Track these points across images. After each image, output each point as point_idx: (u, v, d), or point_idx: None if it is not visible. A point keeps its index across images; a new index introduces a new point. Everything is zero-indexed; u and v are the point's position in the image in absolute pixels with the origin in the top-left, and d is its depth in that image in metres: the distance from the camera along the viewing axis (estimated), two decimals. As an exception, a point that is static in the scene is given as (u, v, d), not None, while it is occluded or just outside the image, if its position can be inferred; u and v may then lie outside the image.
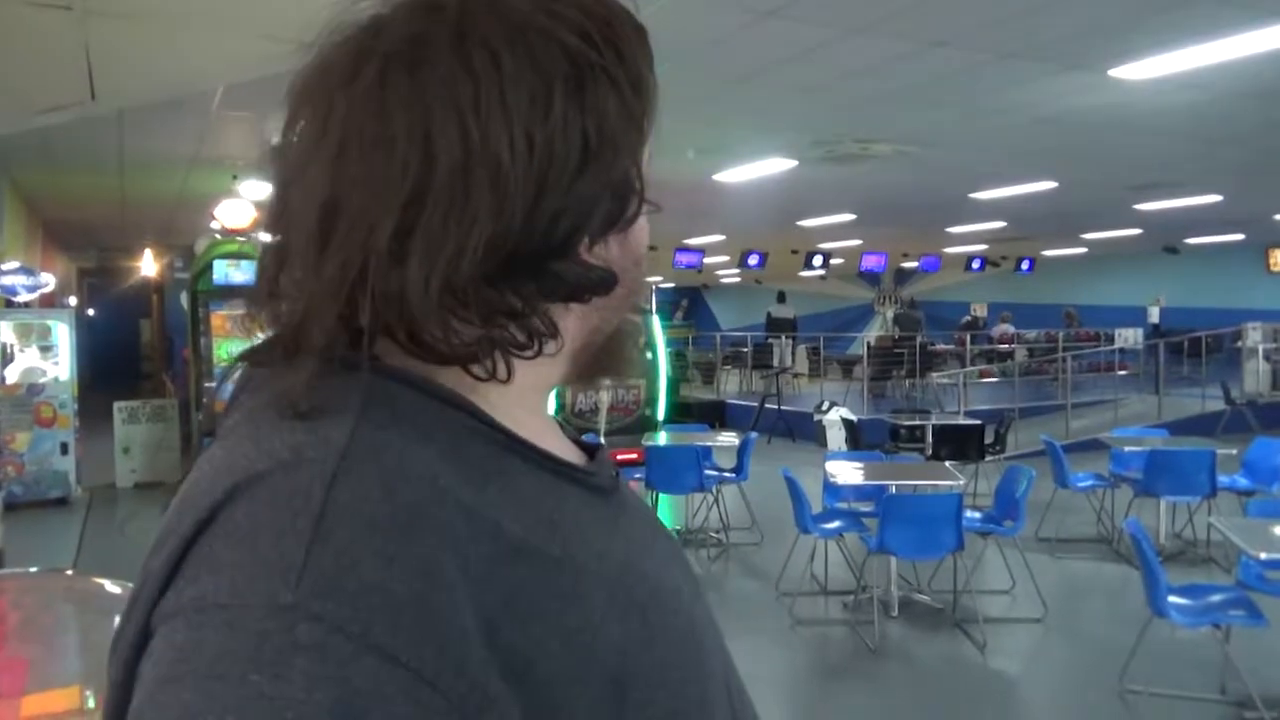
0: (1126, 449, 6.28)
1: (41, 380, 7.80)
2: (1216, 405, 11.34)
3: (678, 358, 15.64)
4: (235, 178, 8.22)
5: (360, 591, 0.39)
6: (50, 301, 9.94)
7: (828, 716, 3.95)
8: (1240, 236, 15.91)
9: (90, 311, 19.10)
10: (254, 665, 0.37)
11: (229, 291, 8.30)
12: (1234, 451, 6.06)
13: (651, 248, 0.69)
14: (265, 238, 0.54)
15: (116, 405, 8.61)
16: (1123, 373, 13.51)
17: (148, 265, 15.11)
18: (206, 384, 8.02)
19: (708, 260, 16.60)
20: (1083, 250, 18.19)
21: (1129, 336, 14.98)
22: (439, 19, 0.50)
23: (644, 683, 0.49)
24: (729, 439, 7.33)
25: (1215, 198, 10.83)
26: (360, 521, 0.41)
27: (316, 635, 0.38)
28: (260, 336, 0.53)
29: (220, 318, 8.27)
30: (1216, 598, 3.70)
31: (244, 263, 8.36)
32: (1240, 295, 17.16)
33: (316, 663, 0.37)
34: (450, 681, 0.40)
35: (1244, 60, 5.05)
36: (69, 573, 2.20)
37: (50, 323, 8.01)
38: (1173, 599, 3.60)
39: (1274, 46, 4.82)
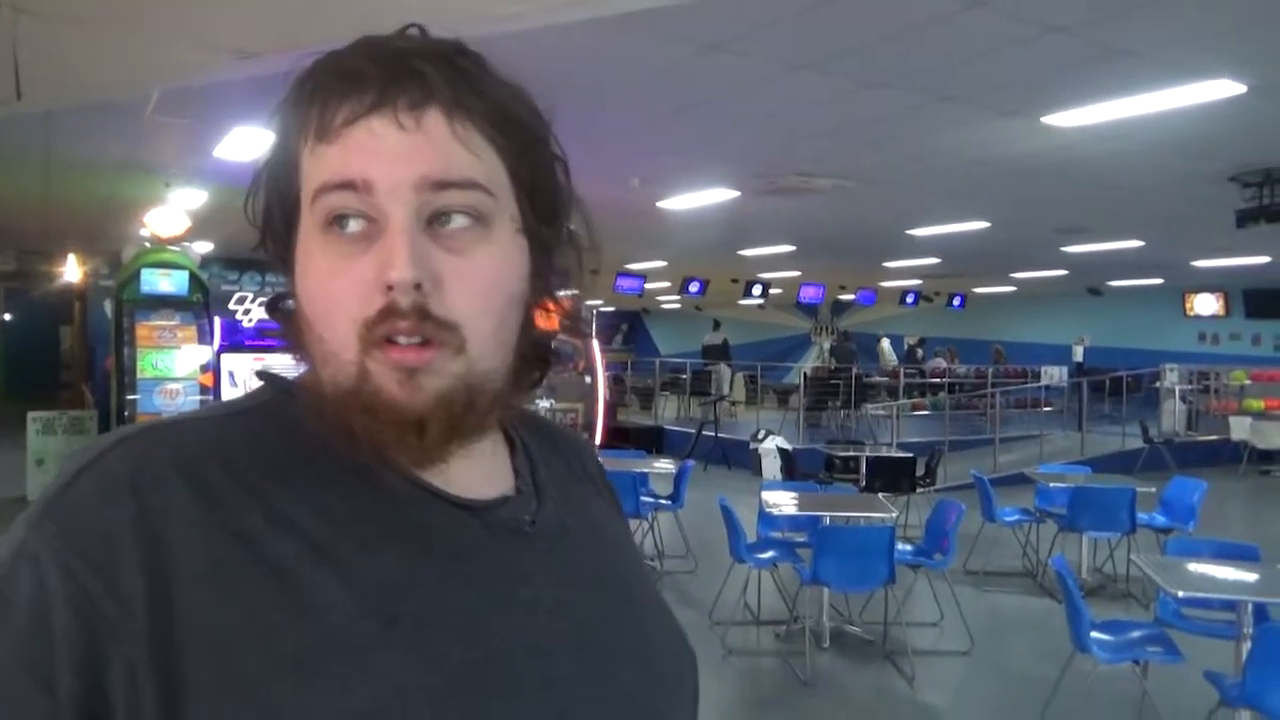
0: (1051, 485, 6.43)
1: (-50, 388, 7.44)
2: (1135, 443, 11.72)
3: (616, 381, 15.62)
4: (168, 185, 7.99)
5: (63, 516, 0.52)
6: (-37, 306, 9.50)
7: (757, 749, 3.94)
8: (1159, 281, 16.56)
9: (7, 316, 18.37)
10: None
11: (156, 301, 8.04)
12: (1153, 489, 6.25)
13: (593, 271, 0.69)
14: None
15: (31, 415, 8.25)
16: (1048, 409, 13.90)
17: (71, 271, 14.57)
18: (129, 396, 7.73)
19: (649, 285, 16.66)
20: (1012, 289, 18.74)
21: (1054, 374, 15.43)
22: None
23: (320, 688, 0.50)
24: (666, 466, 7.31)
25: (1137, 243, 11.25)
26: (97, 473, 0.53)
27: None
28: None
29: (146, 328, 7.99)
30: (1136, 634, 3.80)
31: (174, 272, 8.12)
32: (1159, 337, 17.84)
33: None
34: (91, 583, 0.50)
35: (1163, 114, 5.27)
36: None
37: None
38: (1095, 635, 3.67)
39: (1188, 103, 5.05)
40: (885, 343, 18.60)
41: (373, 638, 0.52)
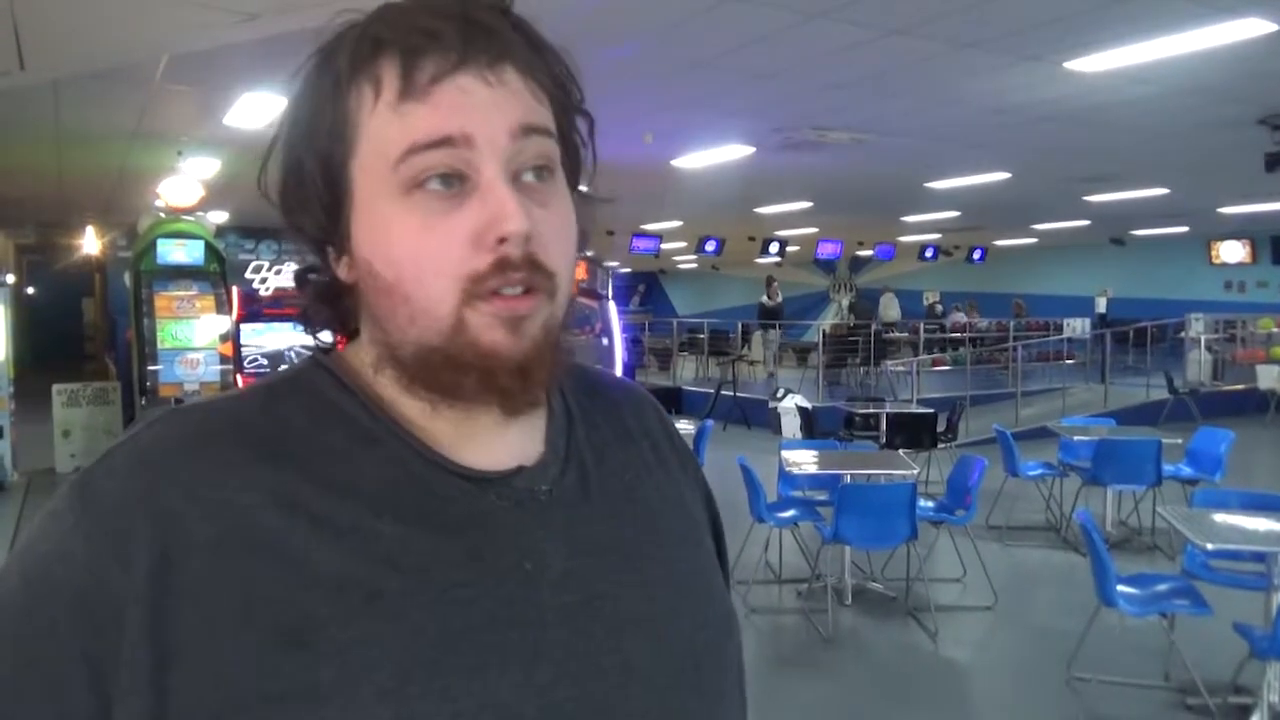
0: (1075, 438, 6.37)
1: (-25, 362, 7.50)
2: (1160, 394, 11.59)
3: (634, 343, 15.59)
4: (180, 154, 7.97)
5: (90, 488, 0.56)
6: (-15, 280, 9.54)
7: (781, 706, 3.95)
8: (1184, 229, 16.27)
9: (30, 290, 18.52)
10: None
11: (173, 272, 8.06)
12: (1179, 440, 6.17)
13: (609, 232, 0.67)
14: None
15: (56, 388, 8.32)
16: (1070, 362, 13.75)
17: (90, 243, 14.63)
18: (150, 367, 7.78)
19: (665, 246, 16.54)
20: (1033, 240, 18.47)
21: (1077, 326, 15.25)
22: None
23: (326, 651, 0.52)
24: (685, 426, 7.29)
25: (1161, 191, 11.03)
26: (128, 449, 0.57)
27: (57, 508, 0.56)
28: None
29: (164, 298, 8.01)
30: (1163, 587, 3.76)
31: (189, 242, 8.12)
32: (1183, 287, 17.57)
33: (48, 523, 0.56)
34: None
35: (1191, 56, 5.12)
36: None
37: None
38: (1121, 589, 3.64)
39: (1217, 43, 4.89)
40: (887, 296, 18.31)
41: (352, 612, 0.53)
